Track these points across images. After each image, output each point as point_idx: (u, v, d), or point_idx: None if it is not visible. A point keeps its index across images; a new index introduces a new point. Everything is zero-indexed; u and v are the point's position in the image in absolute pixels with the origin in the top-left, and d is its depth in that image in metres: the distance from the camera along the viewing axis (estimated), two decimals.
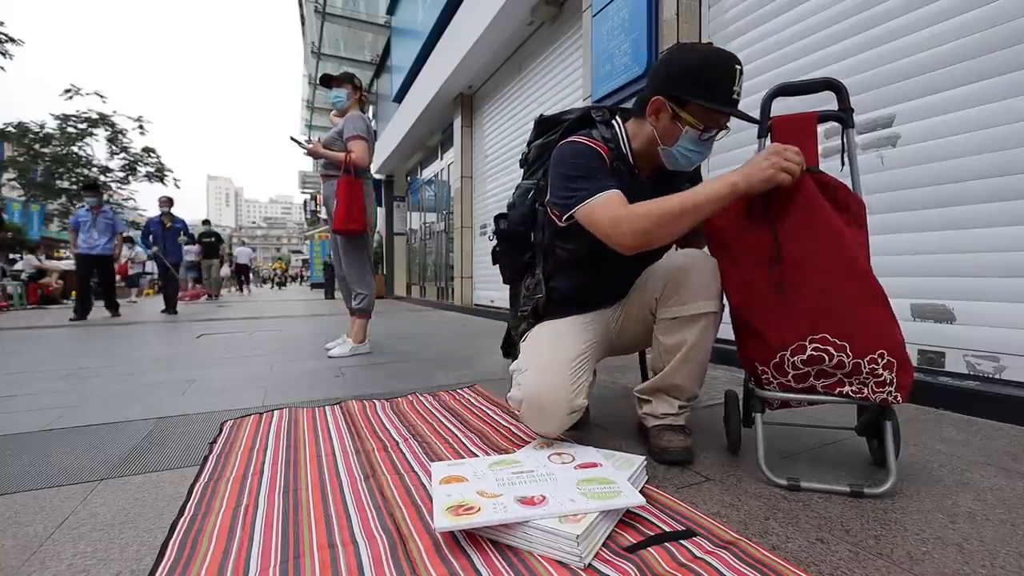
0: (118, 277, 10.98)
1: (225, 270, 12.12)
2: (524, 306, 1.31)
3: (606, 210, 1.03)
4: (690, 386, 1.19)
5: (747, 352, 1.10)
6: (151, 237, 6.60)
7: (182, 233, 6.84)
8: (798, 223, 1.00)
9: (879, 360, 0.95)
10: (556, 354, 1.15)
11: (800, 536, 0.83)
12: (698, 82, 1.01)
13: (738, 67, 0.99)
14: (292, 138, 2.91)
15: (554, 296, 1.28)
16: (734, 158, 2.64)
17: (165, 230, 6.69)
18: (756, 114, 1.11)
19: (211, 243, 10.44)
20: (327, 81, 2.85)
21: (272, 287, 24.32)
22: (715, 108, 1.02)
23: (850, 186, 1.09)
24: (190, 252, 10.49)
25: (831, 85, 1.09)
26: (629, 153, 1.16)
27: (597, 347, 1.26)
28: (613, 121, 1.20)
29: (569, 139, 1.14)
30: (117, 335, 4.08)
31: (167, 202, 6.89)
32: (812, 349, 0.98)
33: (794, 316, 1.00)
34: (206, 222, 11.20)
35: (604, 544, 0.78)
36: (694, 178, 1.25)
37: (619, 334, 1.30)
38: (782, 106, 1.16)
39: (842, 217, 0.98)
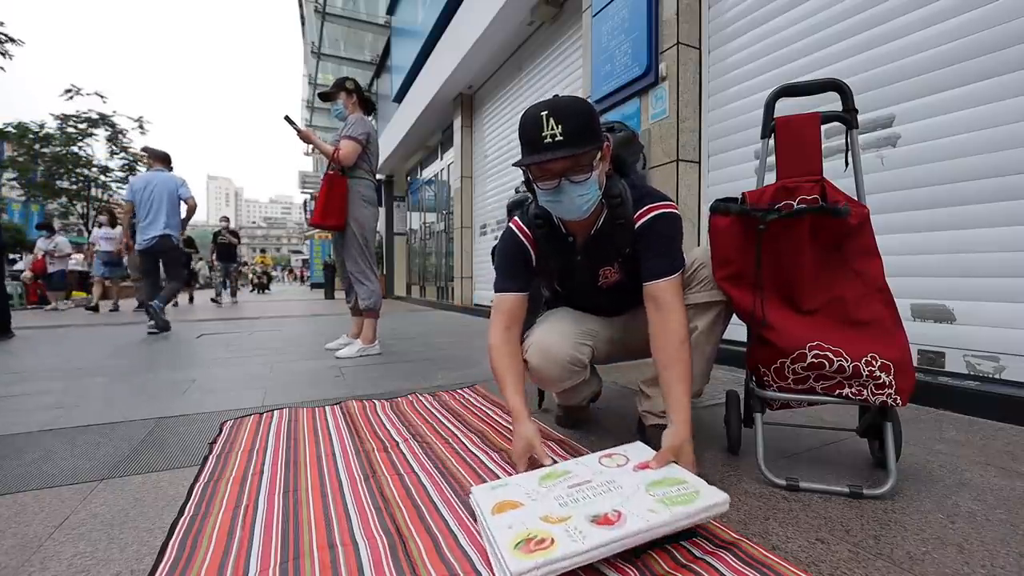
0: (29, 274, 7.62)
1: None
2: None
3: (496, 311, 1.24)
4: (696, 377, 1.19)
5: (752, 355, 1.11)
6: None
7: None
8: (783, 260, 1.03)
9: (874, 363, 0.95)
10: (565, 322, 1.27)
11: (800, 536, 0.83)
12: (521, 141, 1.04)
13: (544, 112, 0.97)
14: (286, 118, 2.87)
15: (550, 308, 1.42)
16: (737, 157, 2.64)
17: None
18: (760, 116, 1.11)
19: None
20: (324, 97, 2.90)
21: (252, 290, 16.73)
22: (523, 163, 1.02)
23: (854, 187, 1.10)
24: (107, 240, 6.99)
25: (835, 86, 1.08)
26: (561, 224, 1.18)
27: (605, 336, 1.31)
28: None
29: (508, 225, 1.26)
30: (117, 335, 4.08)
31: None
32: (812, 356, 0.99)
33: (791, 329, 1.02)
34: None
35: None
36: (639, 236, 1.13)
37: (631, 329, 1.31)
38: (785, 106, 1.15)
39: (829, 255, 1.01)
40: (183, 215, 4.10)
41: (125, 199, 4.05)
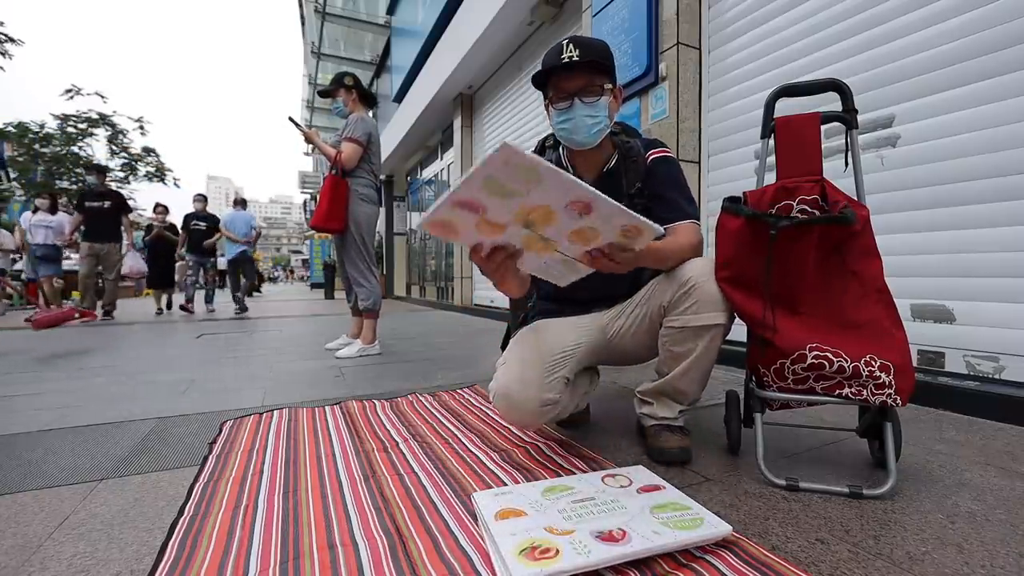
0: None
1: (133, 261, 5.41)
2: (520, 311, 1.44)
3: None
4: (693, 391, 1.19)
5: (752, 356, 1.10)
6: None
7: None
8: (787, 265, 1.03)
9: (873, 363, 0.95)
10: (535, 349, 1.16)
11: (800, 536, 0.83)
12: (542, 68, 1.17)
13: (566, 41, 1.13)
14: (290, 119, 2.90)
15: (541, 294, 1.40)
16: (737, 157, 2.64)
17: None
18: (760, 116, 1.12)
19: (99, 211, 5.21)
20: (323, 95, 2.91)
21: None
22: (538, 77, 1.16)
23: (854, 187, 1.10)
24: (43, 228, 5.62)
25: (835, 86, 1.09)
26: (572, 170, 1.27)
27: (586, 348, 1.23)
28: (561, 146, 1.33)
29: None
30: (117, 335, 4.08)
31: None
32: (812, 357, 0.99)
33: (791, 330, 1.02)
34: (93, 167, 5.59)
35: None
36: (650, 173, 1.24)
37: (620, 337, 1.28)
38: (785, 106, 1.15)
39: (829, 257, 1.01)
40: (252, 236, 6.54)
41: (222, 228, 6.42)
